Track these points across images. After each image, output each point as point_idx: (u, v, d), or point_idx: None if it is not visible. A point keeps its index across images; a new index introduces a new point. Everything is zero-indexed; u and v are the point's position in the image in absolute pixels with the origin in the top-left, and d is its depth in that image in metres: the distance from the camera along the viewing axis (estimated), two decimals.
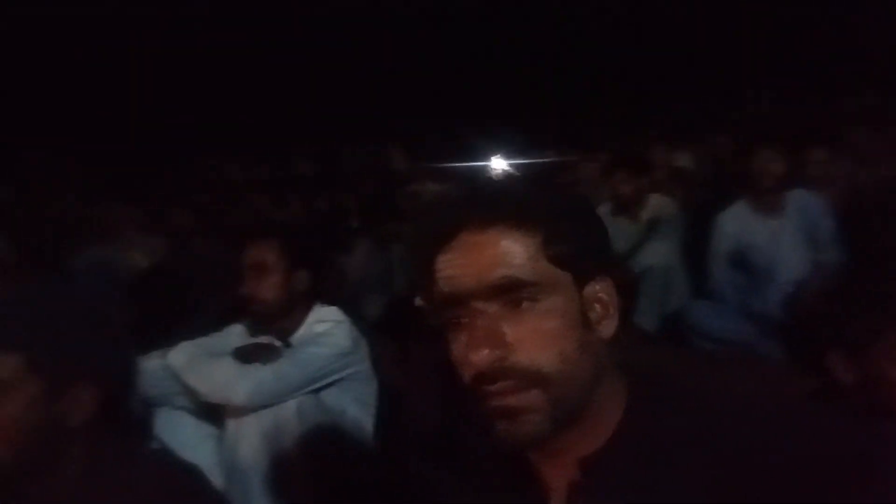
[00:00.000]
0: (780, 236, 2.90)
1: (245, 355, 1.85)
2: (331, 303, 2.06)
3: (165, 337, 2.02)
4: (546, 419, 0.74)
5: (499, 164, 6.32)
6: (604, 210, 3.52)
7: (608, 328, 0.78)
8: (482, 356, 0.73)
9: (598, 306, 0.78)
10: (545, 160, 5.74)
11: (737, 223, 3.00)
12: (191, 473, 1.13)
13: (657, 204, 3.46)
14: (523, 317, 0.74)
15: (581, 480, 0.76)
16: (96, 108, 7.71)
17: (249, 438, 1.81)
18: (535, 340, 0.74)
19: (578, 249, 0.76)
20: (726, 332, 2.86)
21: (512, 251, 0.75)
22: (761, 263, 2.91)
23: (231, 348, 1.91)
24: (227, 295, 2.17)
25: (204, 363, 1.82)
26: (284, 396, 1.80)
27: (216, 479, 1.84)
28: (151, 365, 1.86)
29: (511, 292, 0.74)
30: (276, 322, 1.99)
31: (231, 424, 1.83)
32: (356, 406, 1.99)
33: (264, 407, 1.78)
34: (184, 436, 1.85)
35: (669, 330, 3.15)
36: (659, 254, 3.29)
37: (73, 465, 1.03)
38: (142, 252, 3.97)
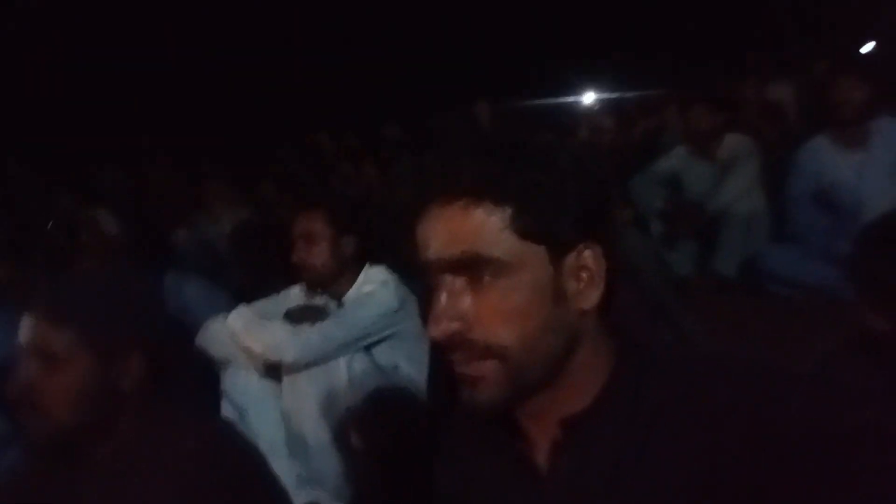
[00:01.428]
0: (865, 171, 2.67)
1: (295, 317, 1.98)
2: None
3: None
4: (504, 389, 0.74)
5: (590, 100, 6.17)
6: (680, 151, 3.38)
7: (590, 298, 0.76)
8: (440, 328, 0.74)
9: (583, 274, 0.76)
10: (637, 95, 5.54)
11: (817, 159, 2.78)
12: (229, 433, 1.25)
13: (735, 143, 3.27)
14: (486, 292, 0.74)
15: (563, 440, 0.77)
16: (194, 87, 8.12)
17: (304, 394, 1.94)
18: (496, 316, 0.73)
19: (554, 221, 0.74)
20: (807, 278, 2.70)
21: (477, 225, 0.73)
22: (845, 202, 2.70)
23: (285, 310, 2.05)
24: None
25: (258, 325, 1.96)
26: (331, 355, 1.91)
27: (279, 431, 2.01)
28: (214, 327, 2.02)
29: (473, 268, 0.73)
30: (328, 285, 2.10)
31: (287, 381, 1.98)
32: (407, 362, 2.08)
33: (313, 365, 1.90)
34: (248, 391, 2.01)
35: (748, 276, 3.01)
36: (736, 196, 3.13)
37: (126, 428, 1.16)
38: (234, 225, 4.22)
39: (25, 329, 1.14)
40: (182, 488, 1.08)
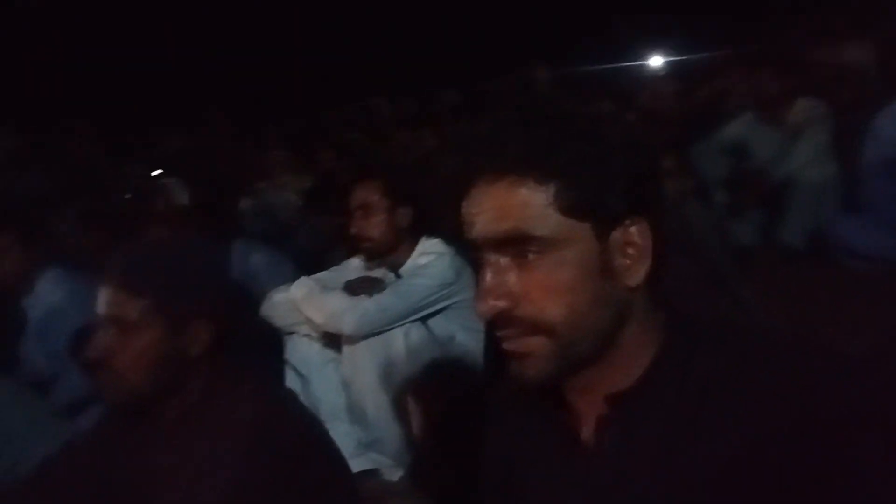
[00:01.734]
0: None
1: (353, 288, 2.03)
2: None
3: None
4: (551, 365, 0.75)
5: (653, 63, 5.99)
6: (747, 116, 3.26)
7: (637, 274, 0.75)
8: (487, 306, 0.74)
9: (630, 250, 0.75)
10: (701, 57, 5.33)
11: (895, 125, 2.64)
12: (289, 401, 1.30)
13: (805, 107, 3.12)
14: (531, 269, 0.74)
15: (609, 415, 0.78)
16: (256, 55, 8.23)
17: (363, 363, 2.00)
18: (542, 293, 0.73)
19: (600, 198, 0.73)
20: (878, 250, 2.58)
21: (521, 203, 0.73)
22: None
23: (345, 281, 2.10)
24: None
25: (318, 296, 2.02)
26: (388, 325, 1.96)
27: (340, 398, 2.07)
28: (278, 298, 2.09)
29: (518, 245, 0.74)
30: (386, 256, 2.14)
31: (347, 350, 2.04)
32: (464, 333, 2.11)
33: (371, 335, 1.95)
34: (310, 359, 2.08)
35: (816, 247, 2.90)
36: (806, 163, 3.00)
37: (193, 391, 1.23)
38: (297, 193, 4.32)
39: (102, 297, 1.21)
40: (242, 452, 1.14)
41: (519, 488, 0.89)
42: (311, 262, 2.69)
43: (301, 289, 2.06)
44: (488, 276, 0.75)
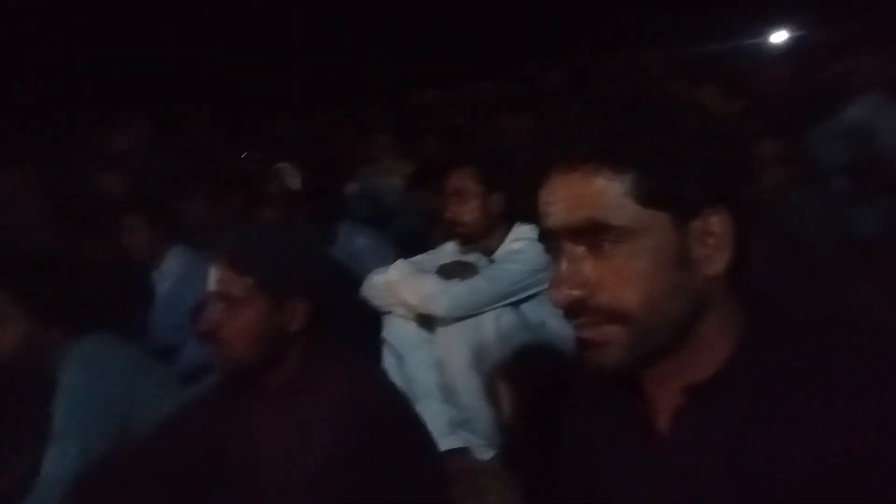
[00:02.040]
0: None
1: (446, 272, 2.08)
2: None
3: None
4: (627, 354, 0.75)
5: (779, 39, 5.66)
6: (874, 97, 3.03)
7: (717, 264, 0.74)
8: (562, 295, 0.75)
9: (709, 240, 0.74)
10: (822, 34, 4.97)
11: None
12: (377, 376, 1.38)
13: None
14: (607, 258, 0.73)
15: (685, 407, 0.77)
16: (363, 39, 8.40)
17: (455, 345, 2.05)
18: (618, 281, 0.73)
19: (678, 188, 0.72)
20: None
21: (598, 192, 0.73)
22: None
23: (439, 265, 2.16)
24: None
25: (414, 278, 2.08)
26: (479, 309, 1.99)
27: (433, 377, 2.14)
28: (376, 279, 2.18)
29: (595, 234, 0.73)
30: (479, 241, 2.17)
31: (440, 331, 2.09)
32: (555, 318, 2.11)
33: (463, 318, 2.00)
34: (405, 339, 2.16)
35: None
36: None
37: (292, 363, 1.33)
38: (400, 177, 4.43)
39: (212, 275, 1.32)
40: (332, 422, 1.23)
41: (594, 473, 0.90)
42: (412, 245, 2.77)
43: (397, 271, 2.13)
44: (564, 265, 0.75)
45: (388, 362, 2.18)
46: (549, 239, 0.78)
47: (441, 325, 2.08)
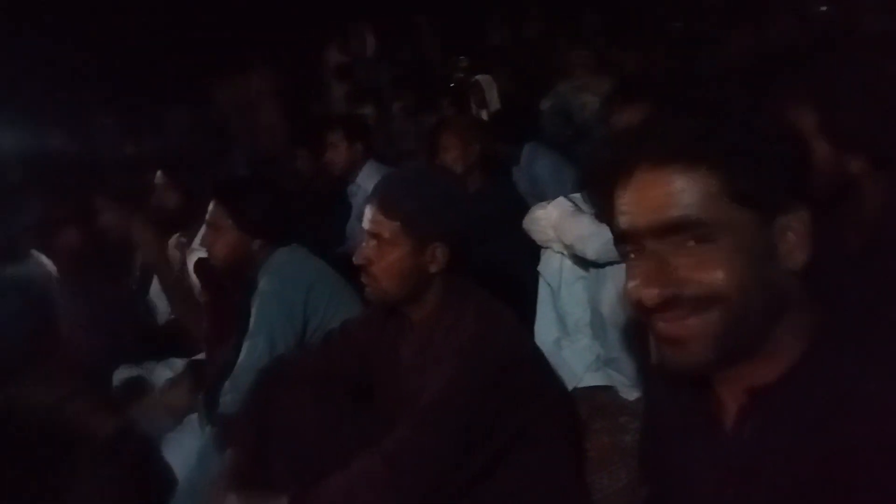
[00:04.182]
0: None
1: None
2: None
3: None
4: (710, 349, 0.75)
5: None
6: None
7: (798, 259, 0.75)
8: (653, 294, 0.75)
9: (790, 235, 0.75)
10: None
11: None
12: (504, 315, 1.48)
13: None
14: (697, 254, 0.74)
15: (751, 408, 0.78)
16: None
17: (606, 286, 2.06)
18: (708, 272, 0.73)
19: (764, 186, 0.73)
20: None
21: (688, 190, 0.73)
22: None
23: None
24: None
25: (570, 218, 2.10)
26: None
27: (585, 313, 2.19)
28: (537, 213, 2.23)
29: (685, 232, 0.74)
30: None
31: (593, 271, 2.11)
32: None
33: (614, 263, 2.00)
34: (560, 274, 2.21)
35: None
36: None
37: (430, 300, 1.49)
38: (593, 93, 4.29)
39: (367, 215, 1.49)
40: (460, 356, 1.37)
41: (663, 459, 0.94)
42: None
43: (557, 208, 2.16)
44: (651, 264, 0.76)
45: (543, 295, 2.26)
46: (629, 238, 0.79)
47: (594, 266, 2.10)
